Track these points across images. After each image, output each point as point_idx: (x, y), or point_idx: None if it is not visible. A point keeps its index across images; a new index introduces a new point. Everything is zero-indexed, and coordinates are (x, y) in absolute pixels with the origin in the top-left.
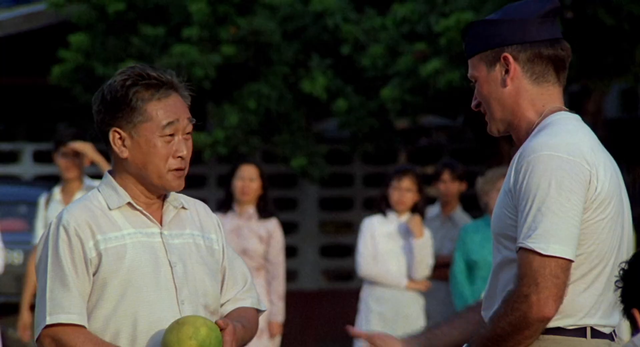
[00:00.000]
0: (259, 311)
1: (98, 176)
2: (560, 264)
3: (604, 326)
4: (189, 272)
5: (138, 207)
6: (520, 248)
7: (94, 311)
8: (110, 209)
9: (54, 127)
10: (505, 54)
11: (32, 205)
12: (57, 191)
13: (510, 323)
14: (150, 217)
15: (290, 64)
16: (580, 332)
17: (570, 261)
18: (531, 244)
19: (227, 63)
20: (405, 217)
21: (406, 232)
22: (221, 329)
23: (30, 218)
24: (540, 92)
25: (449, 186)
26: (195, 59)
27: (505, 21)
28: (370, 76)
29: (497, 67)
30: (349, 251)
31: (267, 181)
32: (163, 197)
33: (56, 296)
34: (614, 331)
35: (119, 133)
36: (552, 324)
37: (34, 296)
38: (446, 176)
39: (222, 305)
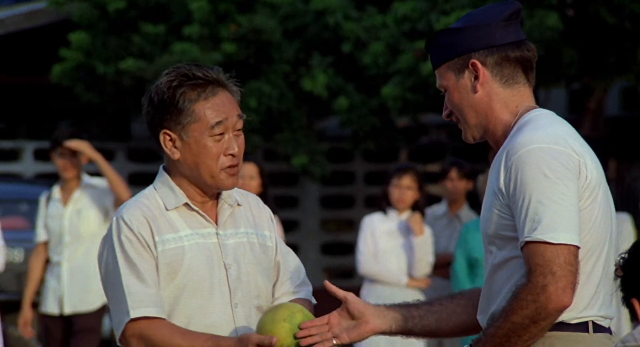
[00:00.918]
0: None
1: (96, 174)
2: (572, 251)
3: (604, 318)
4: (242, 273)
5: (195, 207)
6: (527, 243)
7: None
8: (167, 209)
9: (55, 125)
10: (473, 60)
11: (33, 203)
12: (56, 190)
13: (526, 316)
14: (207, 217)
15: (291, 62)
16: (582, 326)
17: (578, 248)
18: (540, 236)
19: (227, 61)
20: (405, 215)
21: (407, 230)
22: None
23: (31, 216)
24: (511, 94)
25: (457, 184)
26: (196, 57)
27: (469, 28)
28: (371, 74)
29: (466, 74)
30: (350, 248)
31: (268, 178)
32: (217, 195)
33: (134, 291)
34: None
35: (169, 135)
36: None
37: (37, 293)
38: (453, 174)
39: (277, 298)
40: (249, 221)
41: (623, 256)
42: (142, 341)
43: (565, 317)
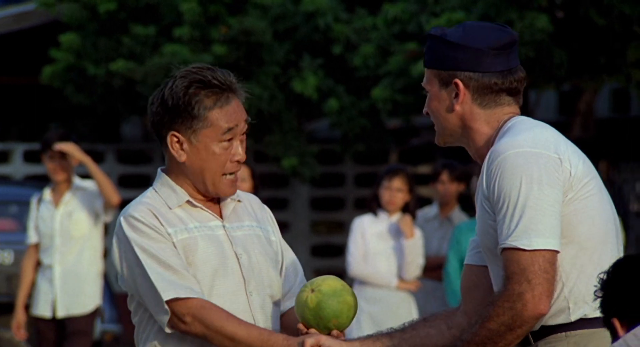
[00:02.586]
0: None
1: (87, 176)
2: (547, 258)
3: None
4: (254, 263)
5: (198, 204)
6: (504, 249)
7: None
8: (170, 208)
9: (45, 127)
10: (457, 79)
11: (23, 205)
12: (47, 192)
13: (503, 323)
14: (211, 211)
15: (281, 64)
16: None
17: (556, 252)
18: (514, 242)
19: (218, 63)
20: (396, 217)
21: (397, 232)
22: None
23: (20, 218)
24: (493, 113)
25: (448, 186)
26: (186, 59)
27: (461, 46)
28: (361, 76)
29: (448, 89)
30: (340, 250)
31: (259, 180)
32: None
33: (163, 278)
34: None
35: (177, 137)
36: (575, 315)
37: (29, 296)
38: (445, 176)
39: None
40: (252, 216)
41: (601, 276)
42: (197, 319)
43: (586, 310)
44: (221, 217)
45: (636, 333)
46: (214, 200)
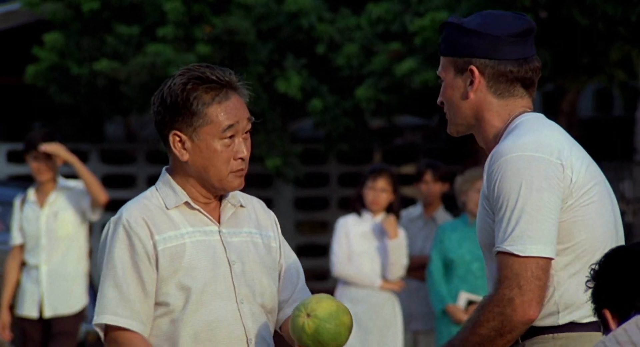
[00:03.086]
0: None
1: (72, 176)
2: (541, 265)
3: None
4: (247, 271)
5: (196, 206)
6: (499, 252)
7: (155, 309)
8: (167, 208)
9: (29, 126)
10: (472, 66)
11: (6, 205)
12: (31, 192)
13: (493, 328)
14: (208, 215)
15: (265, 63)
16: (594, 325)
17: (550, 259)
18: (509, 247)
19: (201, 62)
20: (380, 217)
21: (381, 233)
22: None
23: (4, 218)
24: (505, 104)
25: (431, 186)
26: (170, 58)
27: (478, 33)
28: (345, 76)
29: (463, 75)
30: (324, 250)
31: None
32: (221, 196)
33: (109, 297)
34: None
35: (179, 136)
36: (564, 319)
37: (13, 296)
38: (428, 176)
39: (279, 305)
40: (253, 222)
41: (593, 267)
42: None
43: (575, 316)
44: (219, 222)
45: (626, 328)
46: (216, 203)
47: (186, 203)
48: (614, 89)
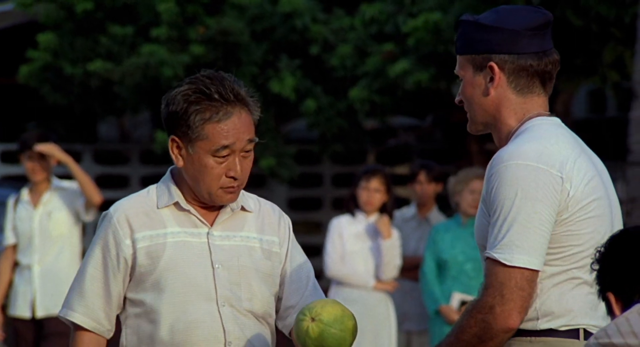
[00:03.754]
0: None
1: (66, 176)
2: (526, 275)
3: (600, 328)
4: (234, 274)
5: (186, 207)
6: (487, 258)
7: (130, 308)
8: (158, 207)
9: (23, 126)
10: (492, 63)
11: (0, 205)
12: (25, 192)
13: (475, 335)
14: (199, 217)
15: (258, 64)
16: (573, 333)
17: (536, 271)
18: (496, 255)
19: (195, 63)
20: (373, 217)
21: (374, 233)
22: None
23: None
24: (523, 101)
25: (425, 187)
26: (163, 59)
27: (496, 29)
28: (338, 76)
29: (483, 73)
30: (318, 251)
31: None
32: None
33: (77, 291)
34: None
35: (177, 142)
36: (543, 325)
37: (6, 296)
38: (422, 177)
39: (285, 312)
40: (254, 226)
41: (599, 249)
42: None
43: (553, 324)
44: (212, 224)
45: (628, 317)
46: (214, 207)
47: (176, 203)
48: (608, 89)
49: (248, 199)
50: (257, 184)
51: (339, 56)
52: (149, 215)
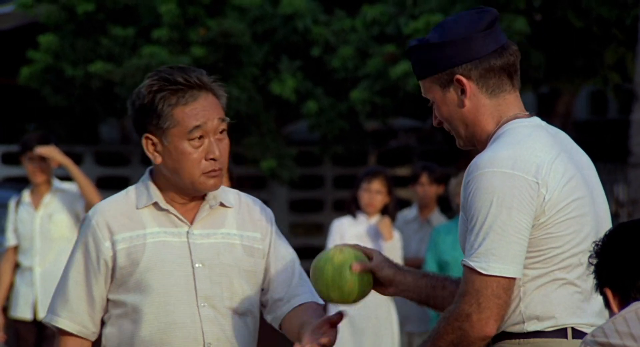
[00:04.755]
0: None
1: (67, 178)
2: (502, 284)
3: (590, 326)
4: (214, 274)
5: (165, 207)
6: (464, 266)
7: (113, 309)
8: (137, 208)
9: (23, 128)
10: (457, 76)
11: (2, 207)
12: (26, 194)
13: (451, 342)
14: (179, 216)
15: (259, 65)
16: (560, 333)
17: (512, 279)
18: (473, 263)
19: (196, 64)
20: (375, 219)
21: (376, 234)
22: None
23: None
24: (497, 103)
25: (427, 189)
26: (164, 60)
27: (448, 43)
28: (340, 78)
29: (452, 88)
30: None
31: (237, 182)
32: (203, 196)
33: (61, 296)
34: None
35: (151, 139)
36: (530, 328)
37: (7, 298)
38: (424, 179)
39: (274, 305)
40: (236, 223)
41: (597, 243)
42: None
43: (540, 326)
44: (191, 222)
45: (626, 317)
46: (194, 204)
47: (155, 204)
48: (609, 91)
49: (227, 194)
50: (258, 185)
51: (340, 58)
52: (128, 216)
